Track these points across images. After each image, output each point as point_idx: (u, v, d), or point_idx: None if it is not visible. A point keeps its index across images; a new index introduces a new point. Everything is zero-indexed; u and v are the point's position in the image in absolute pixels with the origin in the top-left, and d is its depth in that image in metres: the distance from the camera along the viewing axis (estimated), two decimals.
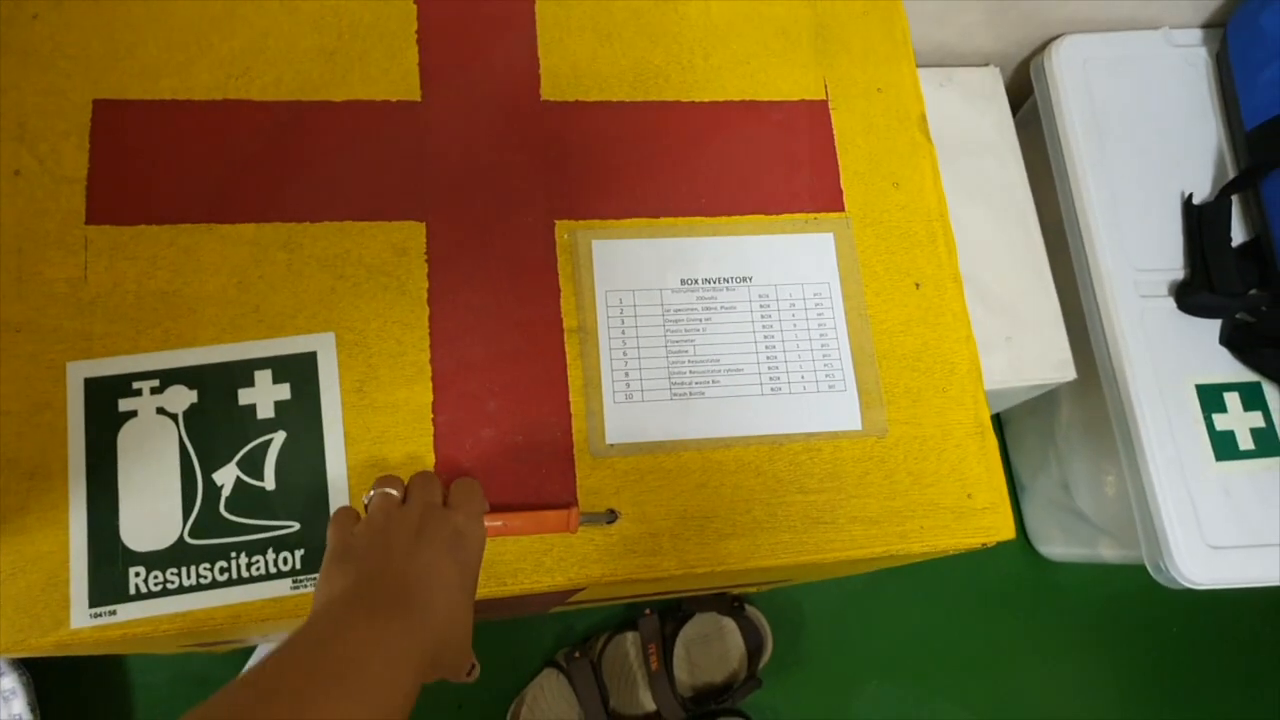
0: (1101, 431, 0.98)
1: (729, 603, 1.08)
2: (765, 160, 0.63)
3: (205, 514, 0.53)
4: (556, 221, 0.61)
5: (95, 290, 0.56)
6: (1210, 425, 0.91)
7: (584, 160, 0.62)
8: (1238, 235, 0.95)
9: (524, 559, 0.54)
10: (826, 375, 0.58)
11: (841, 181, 0.63)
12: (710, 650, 1.07)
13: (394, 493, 0.49)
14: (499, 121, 0.62)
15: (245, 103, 0.60)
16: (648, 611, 1.06)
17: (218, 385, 0.55)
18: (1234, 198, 0.95)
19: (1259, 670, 1.28)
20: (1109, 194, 0.96)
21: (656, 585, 0.62)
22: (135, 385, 0.55)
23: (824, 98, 0.66)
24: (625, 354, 0.57)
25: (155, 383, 0.55)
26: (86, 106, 0.59)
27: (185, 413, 0.55)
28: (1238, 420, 0.92)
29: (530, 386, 0.57)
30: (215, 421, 0.55)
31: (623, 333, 0.58)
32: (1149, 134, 0.98)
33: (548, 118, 0.63)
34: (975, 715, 1.21)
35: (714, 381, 0.57)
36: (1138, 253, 0.95)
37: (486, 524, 0.51)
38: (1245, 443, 0.91)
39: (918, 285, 0.61)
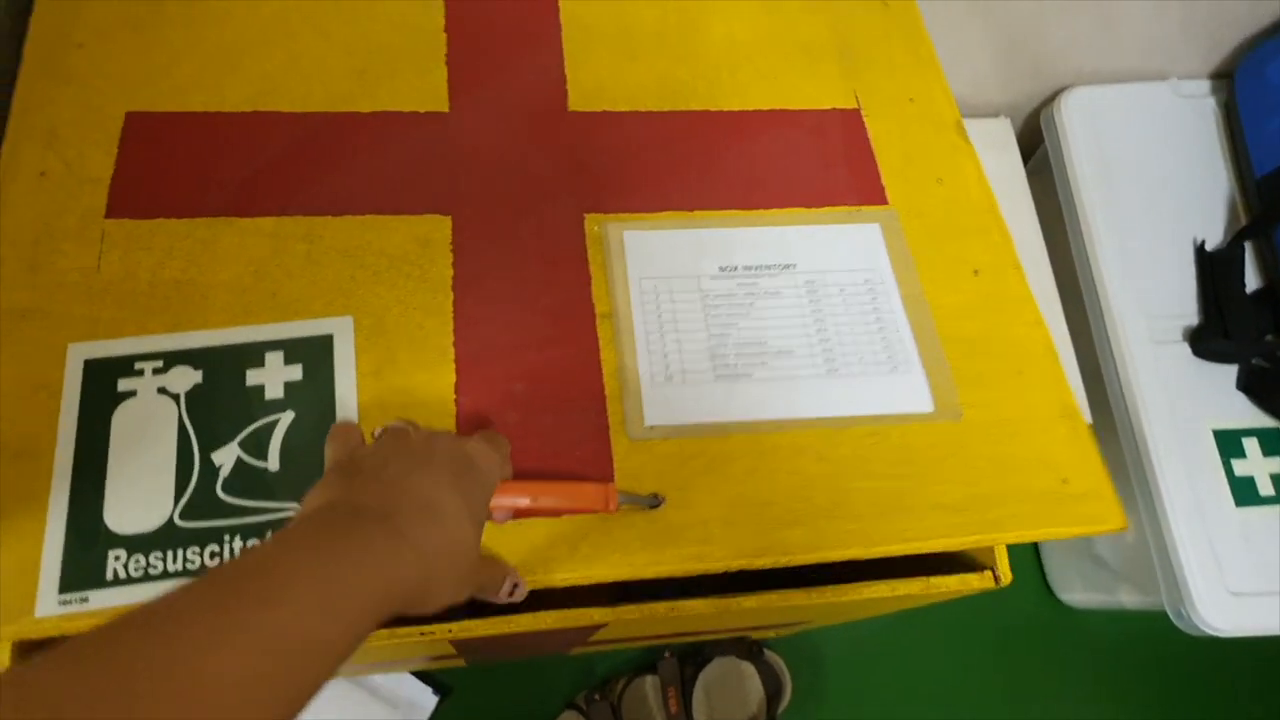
0: (1119, 477, 0.95)
1: (748, 646, 1.08)
2: (800, 159, 0.62)
3: (199, 495, 0.47)
4: (586, 214, 0.58)
5: (108, 279, 0.53)
6: (1229, 470, 0.89)
7: (613, 162, 0.61)
8: (1251, 282, 0.96)
9: (557, 546, 0.47)
10: (888, 357, 0.54)
11: (883, 178, 0.61)
12: (729, 694, 1.07)
13: (407, 427, 0.44)
14: (526, 129, 0.62)
15: (273, 114, 0.60)
16: (667, 654, 1.06)
17: (225, 366, 0.51)
18: (1246, 245, 0.96)
19: None
20: (1120, 241, 0.96)
21: (684, 622, 0.58)
22: (137, 366, 0.50)
23: (856, 106, 0.65)
24: (663, 337, 0.53)
25: (159, 363, 0.51)
26: (119, 118, 0.58)
27: (188, 393, 0.50)
28: (1257, 466, 0.90)
29: (560, 370, 0.53)
30: (219, 401, 0.50)
31: (659, 317, 0.54)
32: (1159, 182, 1.00)
33: (575, 125, 0.62)
34: None
35: (762, 363, 0.53)
36: (1151, 299, 0.95)
37: (514, 498, 0.46)
38: (1265, 488, 0.89)
39: (976, 272, 0.59)
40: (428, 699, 1.04)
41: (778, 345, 0.54)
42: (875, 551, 0.49)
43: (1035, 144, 1.07)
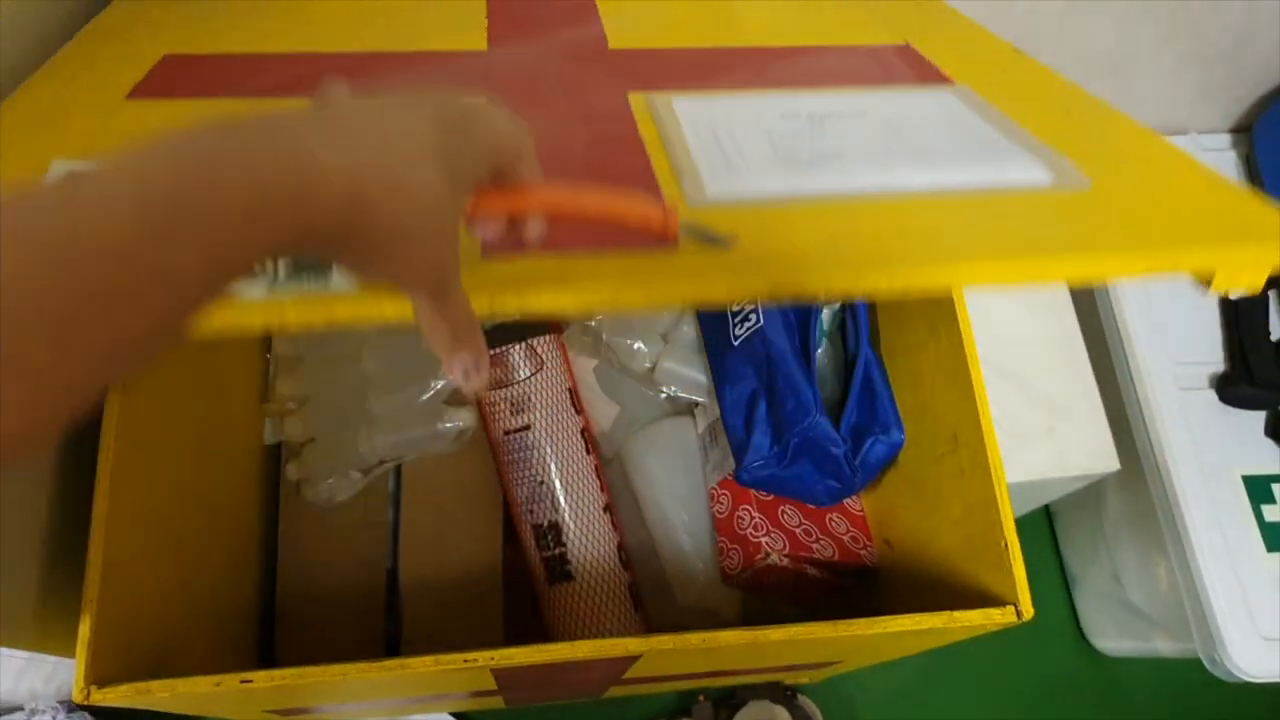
0: (1149, 523, 0.92)
1: (782, 691, 1.07)
2: (858, 66, 0.61)
3: None
4: (630, 93, 0.55)
5: None
6: (1260, 516, 0.89)
7: (660, 72, 0.59)
8: (1276, 329, 0.96)
9: (604, 266, 0.39)
10: (990, 153, 0.49)
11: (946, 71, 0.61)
12: None
13: None
14: (566, 64, 0.60)
15: (312, 54, 0.59)
16: (701, 698, 1.06)
17: None
18: (1271, 293, 0.97)
19: None
20: (1144, 289, 0.97)
21: (717, 658, 0.60)
22: None
23: (906, 42, 0.65)
24: (719, 140, 0.48)
25: None
26: (155, 59, 0.56)
27: None
28: None
29: (605, 152, 0.48)
30: None
31: (715, 137, 0.49)
32: None
33: (613, 60, 0.61)
34: None
35: (839, 159, 0.47)
36: (1176, 346, 0.95)
37: (548, 191, 0.37)
38: None
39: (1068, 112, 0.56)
40: None
41: (856, 154, 0.49)
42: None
43: None
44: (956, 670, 1.17)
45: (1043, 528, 1.27)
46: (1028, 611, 0.55)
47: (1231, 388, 0.92)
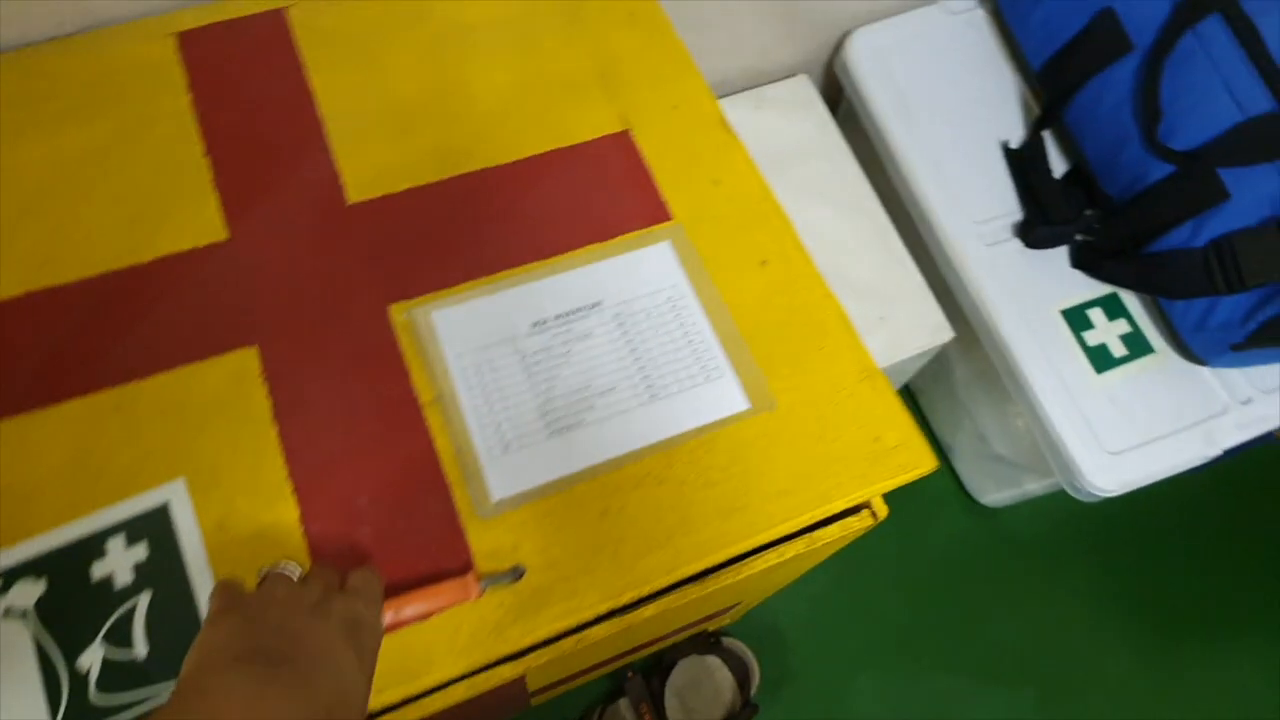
0: (993, 379, 1.00)
1: (706, 640, 1.09)
2: (584, 196, 0.64)
3: (74, 707, 0.47)
4: (391, 306, 0.59)
5: None
6: (1083, 343, 0.95)
7: (406, 244, 0.62)
8: (1058, 166, 1.01)
9: (434, 646, 0.49)
10: (701, 368, 0.57)
11: (663, 195, 0.63)
12: (701, 692, 1.09)
13: (290, 573, 0.45)
14: (310, 235, 0.62)
15: (53, 289, 0.59)
16: (630, 674, 1.07)
17: (67, 566, 0.51)
18: (1046, 134, 1.00)
19: (1200, 549, 1.35)
20: (932, 162, 1.00)
21: (607, 646, 0.59)
22: None
23: (625, 128, 0.67)
24: (492, 408, 0.55)
25: None
26: None
27: (36, 606, 0.50)
28: (1106, 332, 0.95)
29: (399, 471, 0.54)
30: (70, 604, 0.49)
31: (484, 390, 0.55)
32: (953, 98, 1.04)
33: (358, 217, 0.63)
34: (966, 675, 1.24)
35: (590, 407, 0.55)
36: (974, 207, 0.99)
37: (395, 620, 0.47)
38: (1118, 350, 0.95)
39: (764, 262, 0.61)
40: None
41: (600, 385, 0.56)
42: (727, 553, 0.52)
43: (839, 93, 1.11)
44: (866, 562, 1.24)
45: (909, 407, 1.34)
46: (882, 511, 0.59)
47: (1031, 231, 0.97)
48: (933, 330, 0.98)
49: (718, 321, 0.58)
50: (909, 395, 1.37)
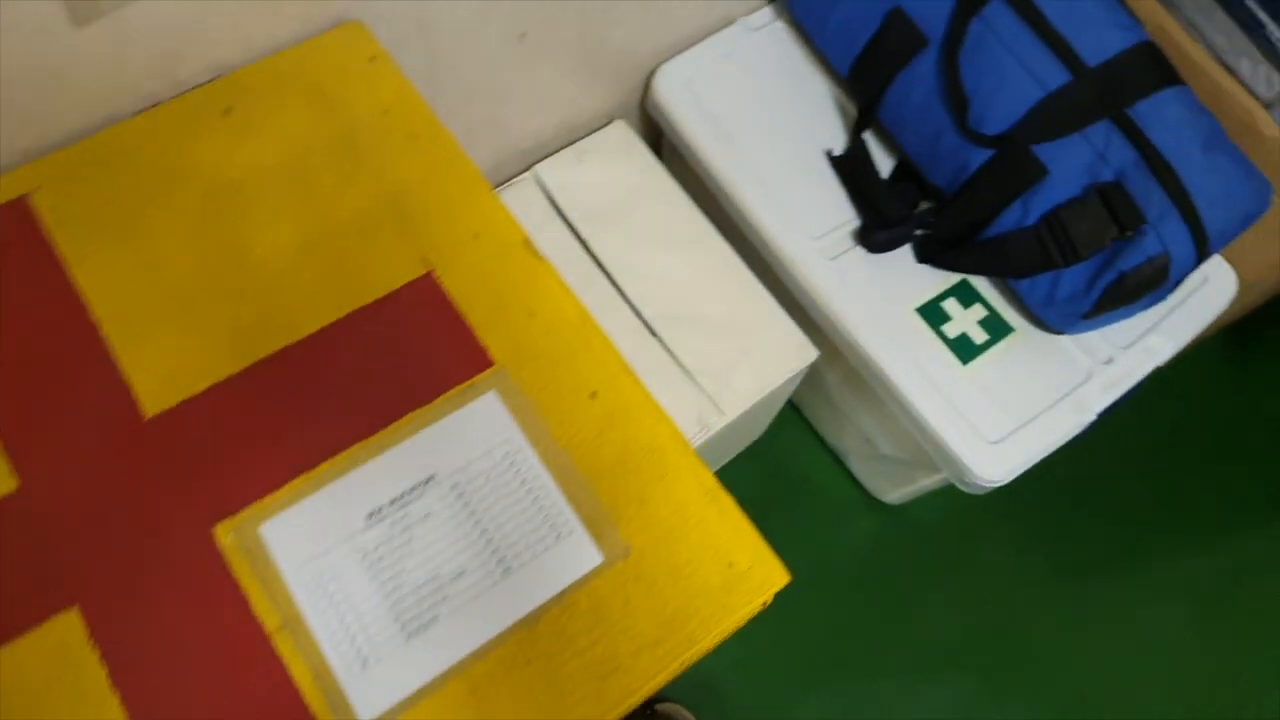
0: (862, 386, 1.01)
1: (641, 713, 1.08)
2: (397, 358, 0.60)
3: None
4: (215, 527, 0.55)
5: None
6: (944, 337, 0.96)
7: (216, 453, 0.57)
8: (885, 166, 1.01)
9: None
10: (550, 527, 0.55)
11: (479, 338, 0.61)
12: None
13: None
14: (111, 465, 0.56)
15: None
16: None
17: None
18: (867, 136, 1.01)
19: (1099, 498, 1.40)
20: (760, 185, 1.00)
21: None
22: None
23: (427, 269, 0.63)
24: (342, 621, 0.52)
25: None
26: None
27: None
28: (964, 321, 0.97)
29: (260, 712, 0.50)
30: None
31: (330, 602, 0.52)
32: (770, 116, 1.04)
33: (159, 433, 0.58)
34: (905, 675, 1.26)
35: (444, 598, 0.53)
36: (810, 223, 0.99)
37: None
38: (979, 336, 0.96)
39: (593, 394, 0.59)
40: None
41: (450, 571, 0.53)
42: (615, 714, 0.50)
43: (659, 133, 1.09)
44: (787, 589, 1.27)
45: (796, 423, 1.36)
46: (783, 579, 0.57)
47: (870, 236, 0.98)
48: (797, 351, 0.99)
49: (558, 472, 0.56)
50: (792, 409, 1.38)
